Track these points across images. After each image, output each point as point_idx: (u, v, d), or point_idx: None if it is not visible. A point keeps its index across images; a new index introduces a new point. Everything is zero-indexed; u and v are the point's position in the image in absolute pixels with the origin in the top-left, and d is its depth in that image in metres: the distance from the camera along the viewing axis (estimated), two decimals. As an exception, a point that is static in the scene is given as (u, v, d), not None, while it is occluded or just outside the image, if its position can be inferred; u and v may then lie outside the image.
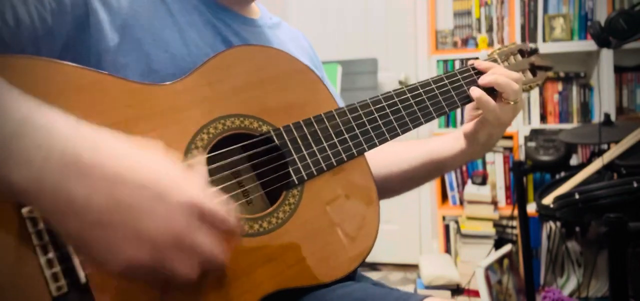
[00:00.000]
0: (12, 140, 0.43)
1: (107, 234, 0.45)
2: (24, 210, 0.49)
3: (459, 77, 0.85)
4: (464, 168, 2.71)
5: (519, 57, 0.95)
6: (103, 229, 0.44)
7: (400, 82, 2.93)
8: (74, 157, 0.44)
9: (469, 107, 0.87)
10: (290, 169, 0.68)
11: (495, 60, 0.92)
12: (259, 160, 0.69)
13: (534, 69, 0.95)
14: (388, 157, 0.82)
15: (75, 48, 0.63)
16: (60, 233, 0.46)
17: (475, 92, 0.83)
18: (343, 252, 0.68)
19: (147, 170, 0.48)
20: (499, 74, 0.84)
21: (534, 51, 0.97)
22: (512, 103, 0.83)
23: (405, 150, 0.92)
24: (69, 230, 0.45)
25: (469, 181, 2.61)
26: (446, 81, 0.84)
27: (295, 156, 0.68)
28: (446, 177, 2.73)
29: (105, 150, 0.47)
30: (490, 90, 0.83)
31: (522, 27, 2.60)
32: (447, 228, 2.71)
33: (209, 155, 0.64)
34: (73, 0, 0.63)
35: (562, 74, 2.58)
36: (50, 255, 0.49)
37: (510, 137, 2.60)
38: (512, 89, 0.83)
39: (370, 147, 0.74)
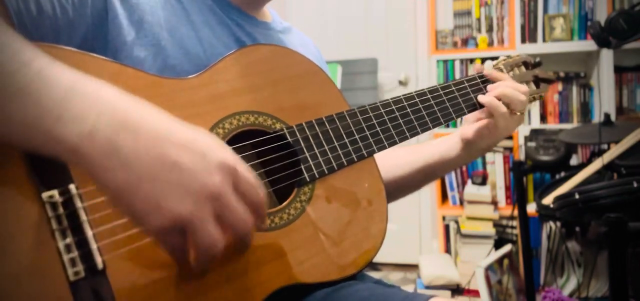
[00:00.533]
0: (65, 101, 0.46)
1: (152, 187, 0.47)
2: (45, 194, 0.50)
3: (467, 84, 0.88)
4: (464, 168, 2.72)
5: (523, 68, 0.98)
6: (148, 182, 0.47)
7: (401, 82, 2.94)
8: (125, 114, 0.47)
9: (470, 115, 0.89)
10: (302, 167, 0.69)
11: (500, 70, 0.93)
12: (269, 158, 0.70)
13: (537, 81, 0.98)
14: (383, 163, 0.84)
15: (93, 41, 0.65)
16: (104, 187, 0.47)
17: (486, 97, 0.85)
18: (351, 251, 0.69)
19: (189, 132, 0.50)
20: (505, 85, 0.86)
21: (538, 64, 0.99)
22: (518, 114, 0.86)
23: (400, 156, 0.93)
24: (116, 184, 0.46)
25: (469, 181, 2.61)
26: (454, 88, 0.87)
27: (307, 154, 0.70)
28: (446, 177, 2.73)
29: (151, 113, 0.50)
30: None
31: (522, 27, 2.60)
32: (447, 228, 2.71)
33: None
34: None
35: (562, 74, 2.58)
36: (69, 240, 0.50)
37: (510, 137, 2.60)
38: (519, 100, 0.85)
39: (379, 149, 0.76)
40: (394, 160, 0.91)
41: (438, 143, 0.93)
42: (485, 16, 2.69)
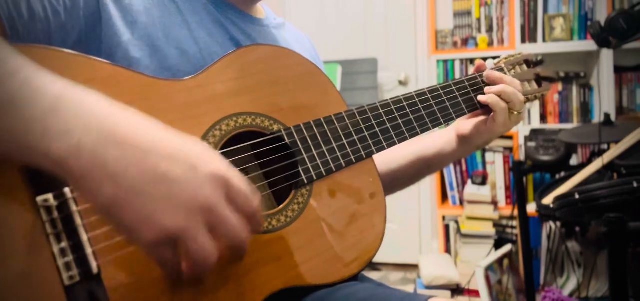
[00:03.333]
0: (50, 114, 0.45)
1: (141, 202, 0.46)
2: (39, 199, 0.50)
3: (467, 84, 0.87)
4: (464, 168, 2.71)
5: (524, 67, 0.97)
6: (137, 196, 0.46)
7: (401, 82, 2.94)
8: (112, 127, 0.46)
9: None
10: (300, 169, 0.68)
11: (501, 69, 0.93)
12: (267, 159, 0.70)
13: (539, 80, 0.97)
14: (380, 155, 0.84)
15: (88, 43, 0.65)
16: (93, 202, 0.46)
17: (487, 96, 0.85)
18: (350, 253, 0.69)
19: (179, 143, 0.49)
20: (506, 84, 0.86)
21: (540, 62, 0.99)
22: (516, 113, 0.86)
23: (397, 148, 0.92)
24: (104, 199, 0.46)
25: (469, 181, 2.61)
26: (453, 87, 0.86)
27: (305, 156, 0.69)
28: (446, 177, 2.73)
29: (139, 124, 0.49)
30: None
31: (522, 27, 2.60)
32: (447, 228, 2.71)
33: (221, 152, 0.64)
34: None
35: (562, 74, 2.58)
36: (64, 244, 0.50)
37: (510, 137, 2.60)
38: (519, 100, 0.85)
39: (378, 150, 0.76)
40: (390, 153, 0.90)
41: (435, 137, 0.92)
42: (485, 16, 2.69)
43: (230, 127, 0.66)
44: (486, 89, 0.86)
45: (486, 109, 0.86)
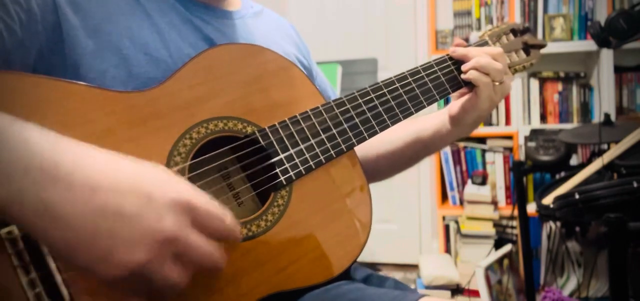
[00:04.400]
0: None
1: (95, 242, 0.43)
2: (2, 231, 0.48)
3: (449, 62, 0.84)
4: (464, 168, 2.71)
5: (511, 36, 0.94)
6: (90, 238, 0.43)
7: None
8: (54, 167, 0.43)
9: (456, 92, 0.86)
10: (277, 170, 0.66)
11: (486, 43, 0.90)
12: (249, 161, 0.68)
13: (527, 48, 0.94)
14: (374, 139, 0.83)
15: (49, 57, 0.61)
16: (47, 246, 0.45)
17: (467, 74, 0.81)
18: (335, 251, 0.67)
19: (131, 174, 0.46)
20: (478, 56, 0.81)
21: (526, 29, 0.95)
22: (497, 83, 0.81)
23: (392, 130, 0.88)
24: (55, 243, 0.43)
25: (469, 181, 2.61)
26: (436, 67, 0.83)
27: (282, 156, 0.67)
28: (446, 177, 2.73)
29: (85, 159, 0.45)
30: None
31: (522, 27, 2.59)
32: (447, 228, 2.70)
33: (193, 161, 0.62)
34: (43, 7, 0.60)
35: (562, 74, 2.58)
36: (33, 275, 0.48)
37: (510, 137, 2.60)
38: (495, 68, 0.81)
39: (359, 141, 0.73)
40: (386, 135, 0.87)
41: (430, 118, 0.90)
42: (485, 16, 2.69)
43: (201, 134, 0.63)
44: (463, 66, 0.83)
45: (471, 86, 0.82)
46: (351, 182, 0.71)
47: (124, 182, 0.45)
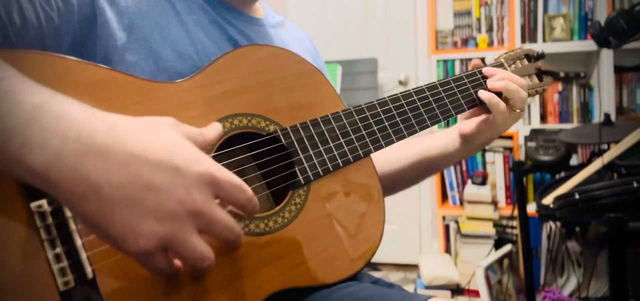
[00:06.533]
0: (28, 125, 0.44)
1: (126, 212, 0.45)
2: (33, 205, 0.49)
3: (466, 80, 0.86)
4: (464, 168, 2.71)
5: (525, 61, 0.96)
6: (121, 208, 0.45)
7: (401, 82, 2.93)
8: (90, 138, 0.45)
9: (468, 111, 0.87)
10: (296, 169, 0.68)
11: (501, 65, 0.92)
12: (265, 160, 0.70)
13: (540, 74, 0.96)
14: (381, 156, 0.83)
15: (82, 47, 0.64)
16: (77, 215, 0.46)
17: (484, 93, 0.83)
18: (348, 253, 0.68)
19: (162, 147, 0.48)
20: (509, 80, 0.84)
21: (541, 56, 0.97)
22: (518, 110, 0.84)
23: (398, 149, 0.91)
24: (88, 211, 0.45)
25: (469, 181, 2.61)
26: (453, 84, 0.85)
27: (301, 156, 0.69)
28: (446, 177, 2.73)
29: (119, 131, 0.47)
30: (497, 96, 0.84)
31: (522, 27, 2.60)
32: (447, 228, 2.71)
33: (215, 153, 0.64)
34: (80, 0, 0.63)
35: (562, 74, 2.58)
36: (58, 249, 0.50)
37: (510, 137, 2.60)
38: (520, 97, 0.83)
39: (376, 148, 0.75)
40: (392, 154, 0.89)
41: (437, 138, 0.91)
42: (485, 16, 2.69)
43: (226, 128, 0.65)
44: (489, 81, 0.85)
45: (484, 106, 0.84)
46: (366, 186, 0.73)
47: (154, 156, 0.47)
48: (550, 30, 2.56)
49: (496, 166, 2.63)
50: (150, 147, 0.47)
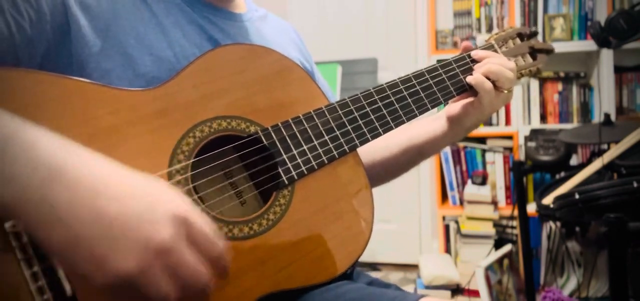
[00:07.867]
0: None
1: (92, 245, 0.44)
2: (7, 225, 0.48)
3: (455, 65, 0.84)
4: (464, 168, 2.71)
5: (518, 40, 0.94)
6: (88, 240, 0.44)
7: (400, 82, 2.93)
8: (59, 170, 0.44)
9: None
10: (279, 169, 0.66)
11: (492, 46, 0.90)
12: (251, 160, 0.68)
13: (533, 52, 0.94)
14: (371, 145, 0.83)
15: (56, 56, 0.62)
16: (45, 246, 0.45)
17: (472, 77, 0.83)
18: (337, 251, 0.67)
19: (134, 183, 0.47)
20: (492, 63, 0.83)
21: (534, 34, 0.95)
22: (505, 92, 0.83)
23: (388, 137, 0.89)
24: (54, 243, 0.44)
25: (469, 181, 2.61)
26: (441, 71, 0.83)
27: (284, 156, 0.67)
28: (446, 177, 2.73)
29: (90, 165, 0.47)
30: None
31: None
32: (447, 228, 2.71)
33: (196, 159, 0.62)
34: (52, 8, 0.61)
35: (562, 74, 2.58)
36: (35, 268, 0.48)
37: (510, 137, 2.60)
38: (506, 77, 0.82)
39: (362, 143, 0.73)
40: (382, 142, 0.87)
41: (426, 124, 0.90)
42: (485, 16, 2.69)
43: (204, 133, 0.63)
44: (475, 68, 0.84)
45: (474, 90, 0.83)
46: (353, 182, 0.71)
47: (125, 190, 0.46)
48: (550, 30, 2.56)
49: (496, 166, 2.63)
50: (121, 181, 0.47)
